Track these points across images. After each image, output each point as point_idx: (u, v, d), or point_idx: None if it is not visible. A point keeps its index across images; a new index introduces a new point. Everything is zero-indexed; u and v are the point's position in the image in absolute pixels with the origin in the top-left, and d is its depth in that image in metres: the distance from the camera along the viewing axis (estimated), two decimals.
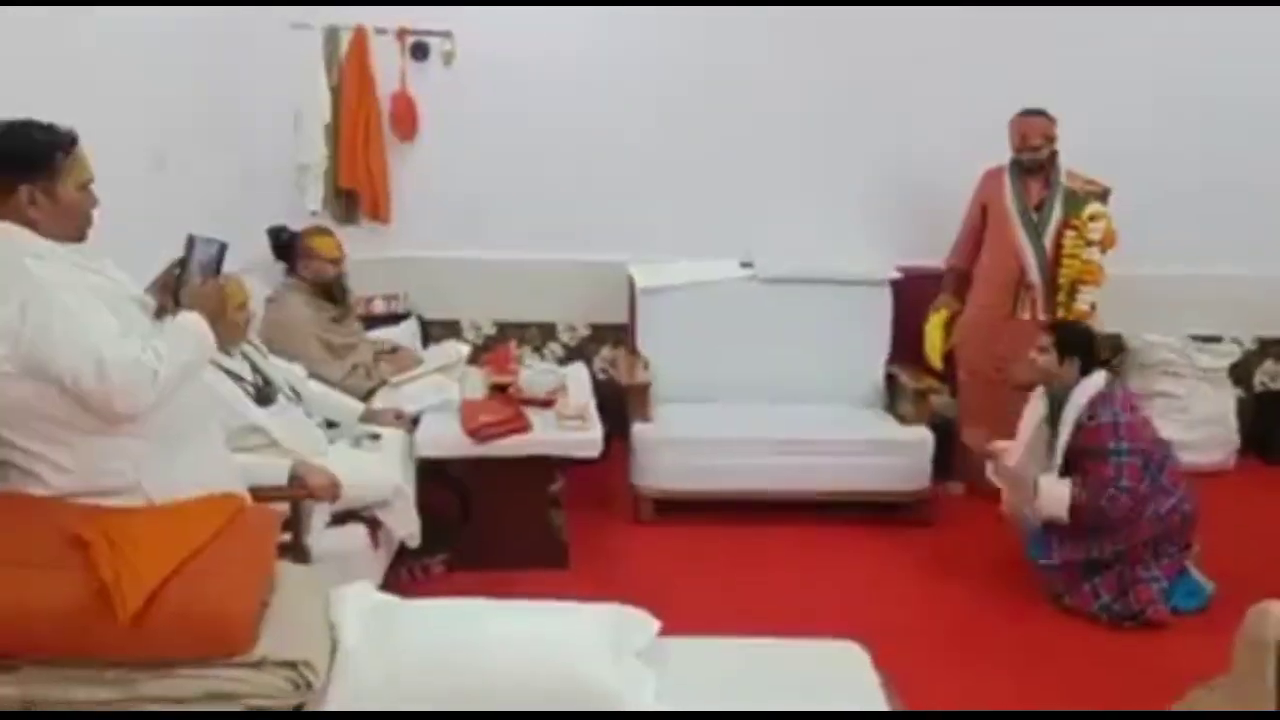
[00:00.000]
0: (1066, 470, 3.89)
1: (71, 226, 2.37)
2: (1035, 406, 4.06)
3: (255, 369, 3.45)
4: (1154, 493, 3.81)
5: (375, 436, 3.81)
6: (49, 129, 2.34)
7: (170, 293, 2.52)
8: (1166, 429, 5.06)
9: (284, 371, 3.68)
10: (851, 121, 5.27)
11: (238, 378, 3.29)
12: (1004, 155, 4.75)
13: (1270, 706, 2.24)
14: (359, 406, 4.00)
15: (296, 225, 4.49)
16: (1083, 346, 3.95)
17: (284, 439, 3.27)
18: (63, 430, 2.30)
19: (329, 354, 4.23)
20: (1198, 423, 5.37)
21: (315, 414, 3.72)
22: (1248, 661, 2.30)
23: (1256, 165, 5.32)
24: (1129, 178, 4.74)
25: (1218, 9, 5.14)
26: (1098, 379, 3.87)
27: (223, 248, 2.59)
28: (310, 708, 2.09)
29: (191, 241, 2.53)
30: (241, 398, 3.25)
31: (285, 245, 4.35)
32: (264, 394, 3.38)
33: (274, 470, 3.12)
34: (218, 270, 2.58)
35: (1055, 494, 3.83)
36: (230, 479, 2.67)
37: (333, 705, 2.10)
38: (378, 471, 3.59)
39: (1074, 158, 4.71)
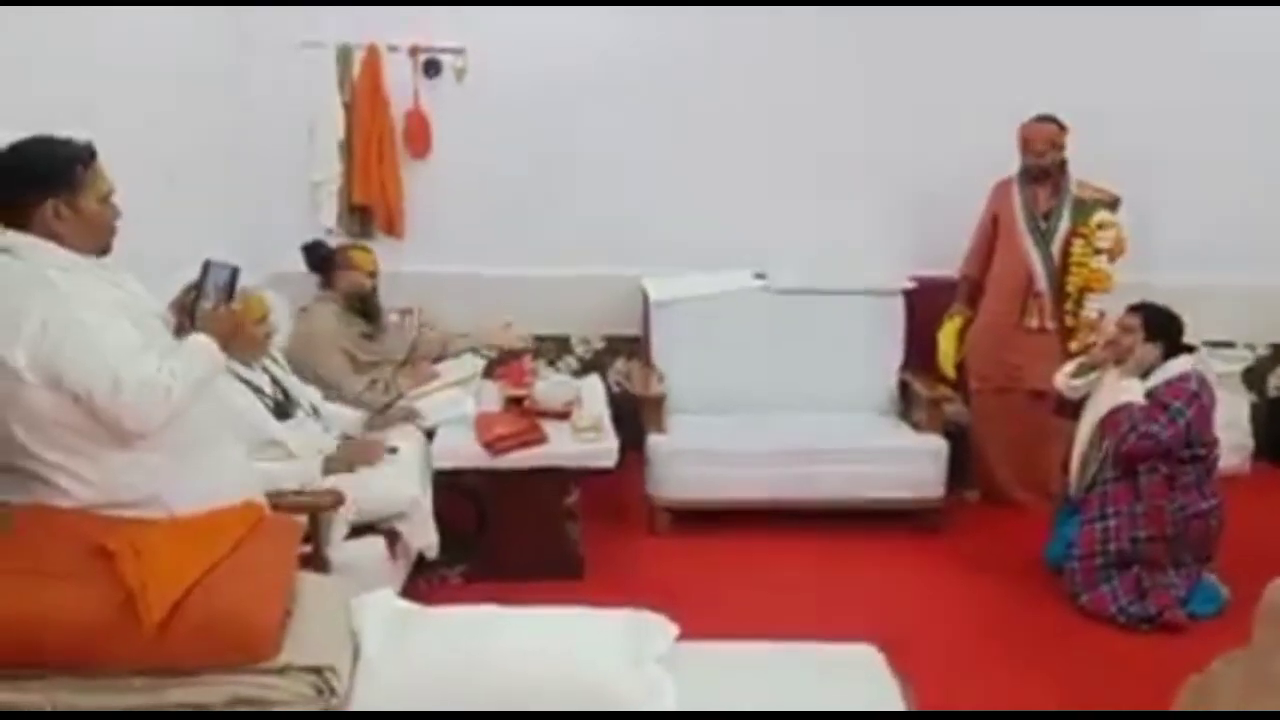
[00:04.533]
0: None
1: (95, 239, 2.41)
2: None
3: (275, 382, 3.48)
4: (1194, 486, 3.80)
5: (393, 450, 3.84)
6: (67, 143, 2.37)
7: (186, 314, 2.56)
8: None
9: (301, 392, 3.72)
10: (864, 132, 5.28)
11: (258, 390, 3.32)
12: (1017, 166, 4.77)
13: None
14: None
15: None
16: (1170, 330, 3.93)
17: (301, 452, 3.30)
18: (83, 441, 2.32)
19: (351, 367, 4.26)
20: None
21: (333, 429, 3.75)
22: (1266, 634, 2.31)
23: (1267, 170, 5.32)
24: (1139, 184, 4.74)
25: (1232, 15, 5.15)
26: (1186, 361, 3.87)
27: (235, 272, 2.64)
28: (333, 713, 2.10)
29: (207, 266, 2.57)
30: (260, 411, 3.28)
31: (323, 259, 4.43)
32: (283, 407, 3.42)
33: (296, 472, 3.17)
34: (230, 294, 2.62)
35: (1127, 387, 3.84)
36: (249, 488, 2.69)
37: (355, 710, 2.12)
38: (395, 484, 3.61)
39: (1085, 167, 4.71)
